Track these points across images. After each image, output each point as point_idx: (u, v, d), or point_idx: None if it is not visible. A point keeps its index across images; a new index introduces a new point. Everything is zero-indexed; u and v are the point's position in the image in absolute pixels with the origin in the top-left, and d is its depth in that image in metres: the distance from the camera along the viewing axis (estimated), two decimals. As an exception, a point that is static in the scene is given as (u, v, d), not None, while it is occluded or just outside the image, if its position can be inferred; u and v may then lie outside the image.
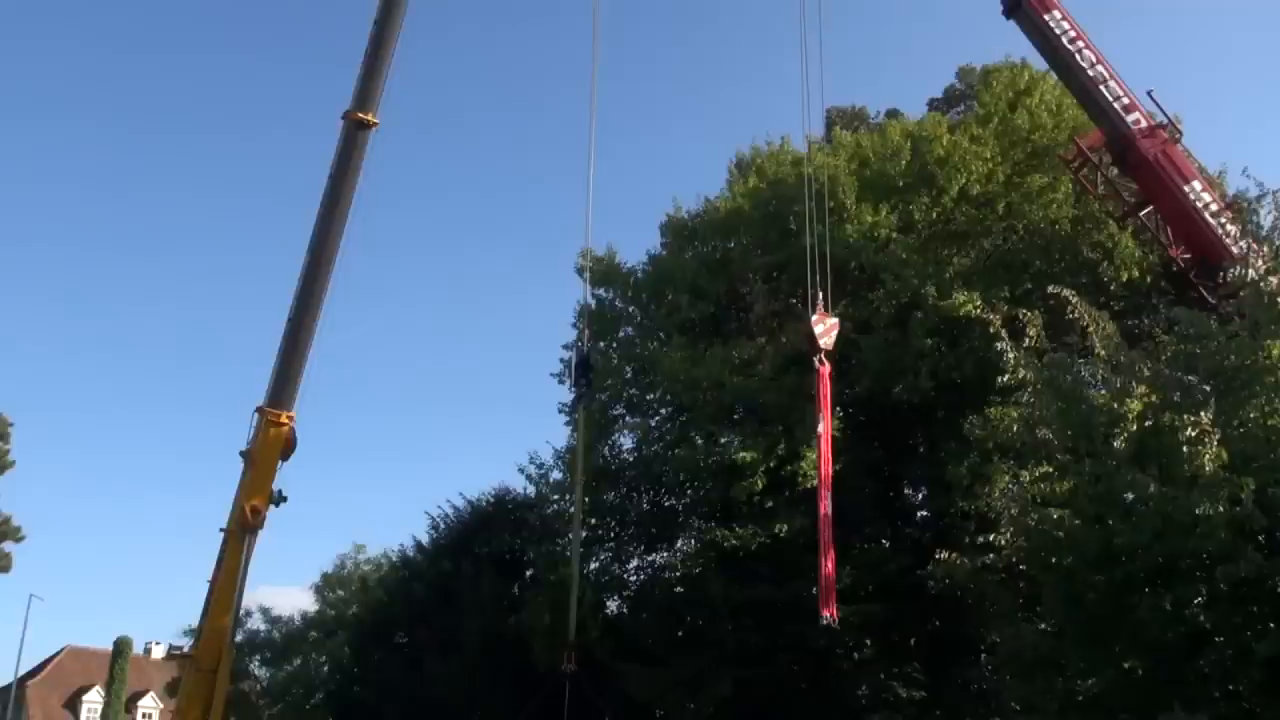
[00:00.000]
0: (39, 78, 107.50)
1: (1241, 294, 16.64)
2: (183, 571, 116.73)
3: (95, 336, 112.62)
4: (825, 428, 19.86)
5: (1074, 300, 16.85)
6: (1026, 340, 18.15)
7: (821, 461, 19.71)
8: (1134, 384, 15.02)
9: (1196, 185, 23.11)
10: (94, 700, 58.04)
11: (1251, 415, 14.39)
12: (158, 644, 61.16)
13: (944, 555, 20.50)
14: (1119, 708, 13.90)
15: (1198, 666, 13.74)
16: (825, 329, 19.98)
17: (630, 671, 25.79)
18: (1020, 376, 17.16)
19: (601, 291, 31.75)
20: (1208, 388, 15.25)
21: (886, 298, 26.15)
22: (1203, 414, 13.92)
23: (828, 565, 19.15)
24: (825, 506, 19.52)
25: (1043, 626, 16.93)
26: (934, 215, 27.86)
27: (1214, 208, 23.05)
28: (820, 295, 20.28)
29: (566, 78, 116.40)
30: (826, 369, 20.12)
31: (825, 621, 19.43)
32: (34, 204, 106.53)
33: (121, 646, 53.37)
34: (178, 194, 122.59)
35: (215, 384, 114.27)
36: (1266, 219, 22.38)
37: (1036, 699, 15.89)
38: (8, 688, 52.25)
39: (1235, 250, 21.77)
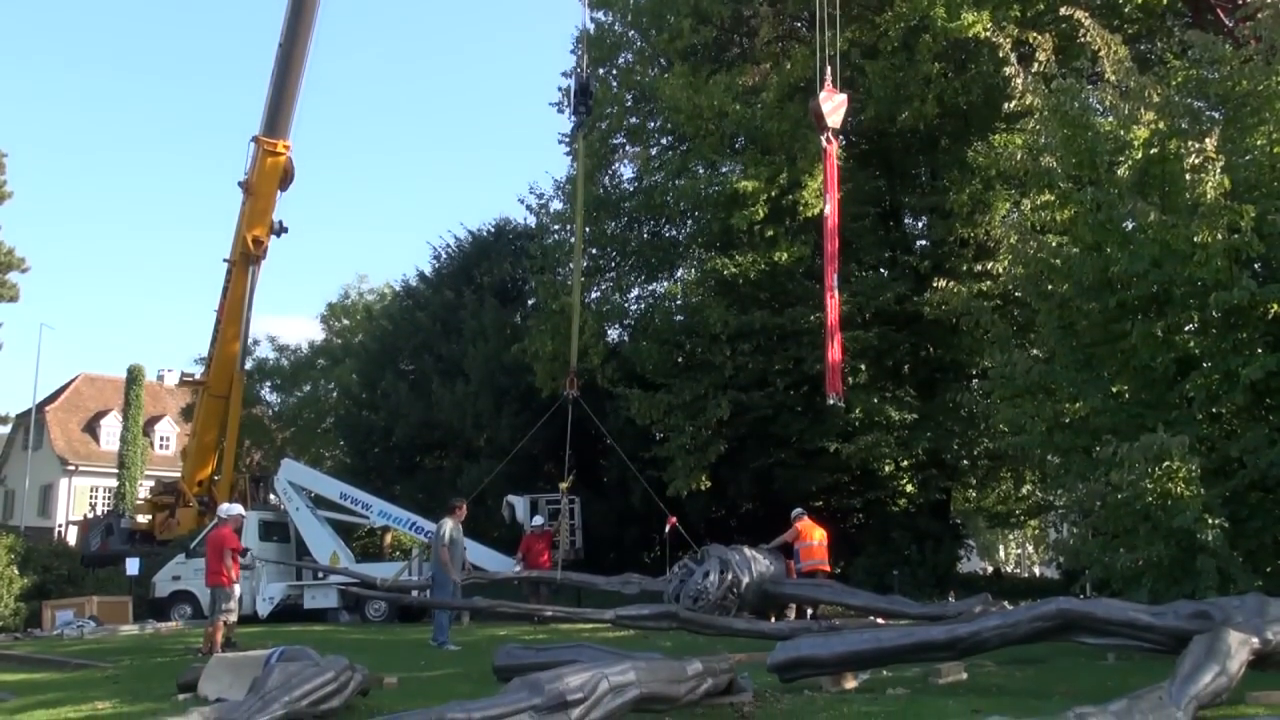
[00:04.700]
0: None
1: (1260, 16, 16.08)
2: (190, 303, 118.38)
3: (95, 65, 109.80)
4: (832, 208, 19.56)
5: (1086, 22, 16.35)
6: (1035, 65, 17.75)
7: (828, 242, 19.52)
8: (1141, 110, 14.77)
9: (1225, -108, 21.98)
10: (112, 424, 59.52)
11: (1259, 143, 14.23)
12: (170, 371, 62.47)
13: (941, 284, 20.67)
14: (1104, 429, 14.30)
15: (1183, 390, 14.11)
16: (833, 106, 19.44)
17: (631, 396, 26.46)
18: (1027, 102, 16.87)
19: (601, 15, 30.71)
20: (1216, 114, 15.01)
21: (894, 20, 25.35)
22: (1208, 141, 13.76)
23: (835, 350, 19.33)
24: (832, 291, 19.48)
25: (1035, 353, 17.24)
26: (946, -70, 26.65)
27: (1241, -81, 22.02)
28: (829, 71, 19.65)
29: None
30: (834, 147, 19.75)
31: (832, 400, 19.85)
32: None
33: (135, 373, 54.37)
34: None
35: (219, 112, 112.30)
36: (1296, -67, 21.40)
37: (1025, 421, 16.35)
38: (27, 413, 53.68)
39: (1258, -32, 20.93)
